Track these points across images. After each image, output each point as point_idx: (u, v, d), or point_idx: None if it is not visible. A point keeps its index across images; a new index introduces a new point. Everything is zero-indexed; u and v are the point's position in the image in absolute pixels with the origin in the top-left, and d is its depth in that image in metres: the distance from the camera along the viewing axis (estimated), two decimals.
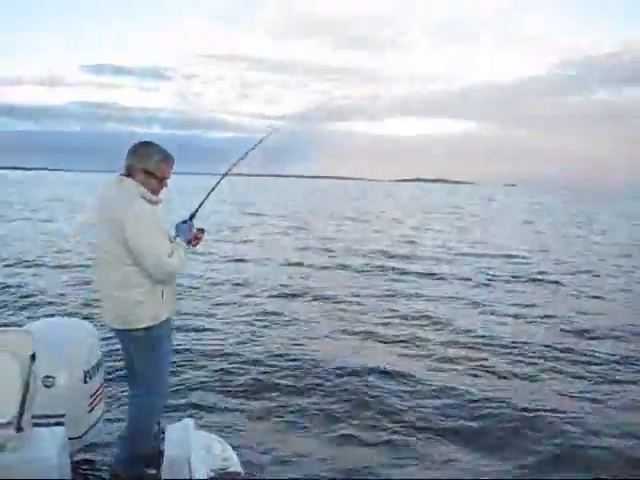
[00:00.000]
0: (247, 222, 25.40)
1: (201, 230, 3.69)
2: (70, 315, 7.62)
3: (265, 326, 8.24)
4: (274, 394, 5.64)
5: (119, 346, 3.59)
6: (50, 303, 9.10)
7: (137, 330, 3.31)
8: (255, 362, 6.52)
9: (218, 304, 9.51)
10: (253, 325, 8.26)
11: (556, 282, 12.43)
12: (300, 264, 13.99)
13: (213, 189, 3.76)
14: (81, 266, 12.34)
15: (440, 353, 7.19)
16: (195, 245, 3.65)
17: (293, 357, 6.75)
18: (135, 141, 3.41)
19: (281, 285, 11.15)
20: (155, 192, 3.37)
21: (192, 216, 3.68)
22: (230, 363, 6.47)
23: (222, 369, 6.26)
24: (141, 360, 3.40)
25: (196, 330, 7.79)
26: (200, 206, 3.72)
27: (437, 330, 8.29)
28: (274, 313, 8.96)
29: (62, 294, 9.79)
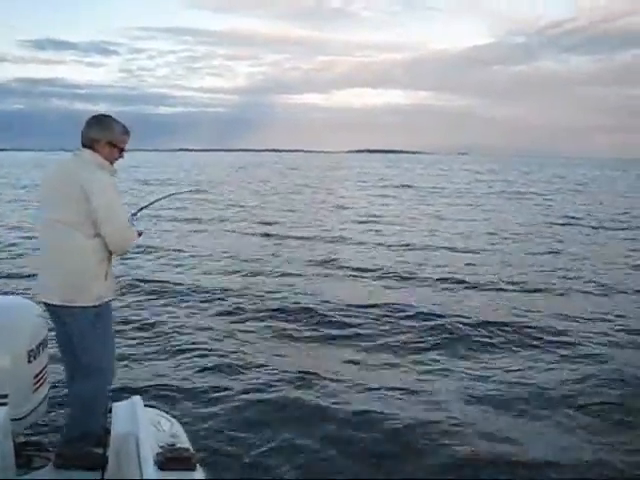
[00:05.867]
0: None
1: (139, 233, 3.65)
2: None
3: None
4: (226, 373, 5.65)
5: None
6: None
7: (77, 307, 3.27)
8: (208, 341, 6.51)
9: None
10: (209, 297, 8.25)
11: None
12: None
13: (159, 200, 4.16)
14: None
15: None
16: None
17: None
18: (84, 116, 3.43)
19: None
20: (112, 163, 3.40)
21: (134, 214, 3.72)
22: (182, 343, 6.46)
23: (175, 349, 6.25)
24: (82, 338, 3.35)
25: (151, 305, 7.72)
26: (144, 208, 3.85)
27: None
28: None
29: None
